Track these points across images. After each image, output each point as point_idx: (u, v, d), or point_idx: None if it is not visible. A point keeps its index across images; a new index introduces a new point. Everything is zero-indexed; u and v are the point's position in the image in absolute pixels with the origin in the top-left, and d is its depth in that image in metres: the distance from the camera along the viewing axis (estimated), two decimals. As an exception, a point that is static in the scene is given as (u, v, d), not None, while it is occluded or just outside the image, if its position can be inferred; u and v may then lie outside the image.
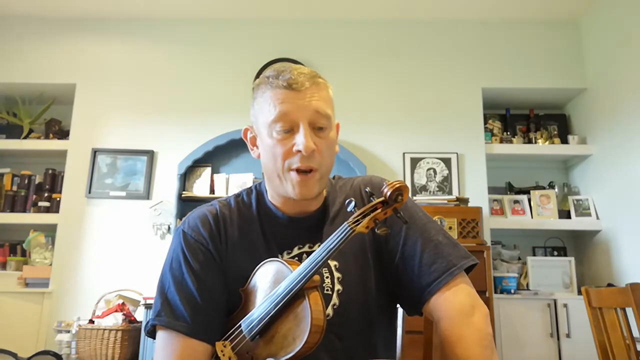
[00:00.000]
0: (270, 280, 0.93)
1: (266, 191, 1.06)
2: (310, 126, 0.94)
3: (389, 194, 0.84)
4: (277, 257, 0.99)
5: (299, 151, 0.92)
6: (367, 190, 0.89)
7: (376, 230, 0.86)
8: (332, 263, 1.00)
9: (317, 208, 1.04)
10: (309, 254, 0.99)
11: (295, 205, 1.01)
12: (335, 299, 0.98)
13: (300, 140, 0.92)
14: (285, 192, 0.97)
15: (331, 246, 0.86)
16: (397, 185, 0.83)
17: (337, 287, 0.99)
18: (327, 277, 0.99)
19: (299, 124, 0.93)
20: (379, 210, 0.86)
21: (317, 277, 0.88)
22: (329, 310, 0.97)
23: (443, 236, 1.01)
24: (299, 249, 1.02)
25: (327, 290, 0.98)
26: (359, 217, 0.86)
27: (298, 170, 0.94)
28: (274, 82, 0.95)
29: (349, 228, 0.85)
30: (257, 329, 0.90)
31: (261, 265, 0.96)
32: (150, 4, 3.51)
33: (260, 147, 1.00)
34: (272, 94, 0.95)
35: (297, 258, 1.00)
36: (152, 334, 0.97)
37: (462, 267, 0.97)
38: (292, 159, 0.94)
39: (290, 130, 0.94)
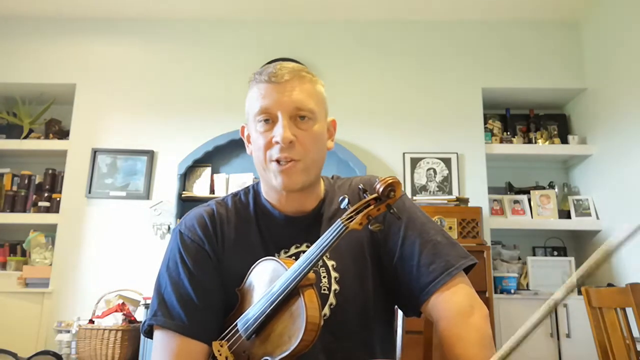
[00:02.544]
0: (265, 279, 0.93)
1: (262, 191, 1.06)
2: (291, 118, 0.95)
3: (381, 189, 0.84)
4: (274, 256, 0.99)
5: (277, 142, 0.93)
6: (360, 187, 0.90)
7: (369, 226, 0.86)
8: (330, 263, 1.00)
9: (315, 207, 1.04)
10: None
11: (290, 202, 1.01)
12: (332, 299, 0.98)
13: (278, 131, 0.94)
14: (272, 185, 0.98)
15: (325, 243, 0.86)
16: (390, 181, 0.84)
17: (335, 286, 0.98)
18: (324, 277, 0.99)
19: (278, 116, 0.95)
20: (372, 207, 0.86)
21: (312, 275, 0.88)
22: (326, 310, 0.97)
23: (442, 236, 1.01)
24: (296, 248, 1.02)
25: (324, 290, 0.98)
26: (352, 214, 0.86)
27: (278, 161, 0.95)
28: (258, 78, 0.98)
29: (342, 225, 0.85)
30: (252, 327, 0.90)
31: (257, 264, 0.96)
32: (151, 4, 3.51)
33: (251, 142, 1.02)
34: (256, 88, 0.98)
35: (294, 257, 1.00)
36: (149, 333, 0.97)
37: (460, 267, 0.96)
38: (272, 150, 0.95)
39: (271, 122, 0.96)
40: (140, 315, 2.94)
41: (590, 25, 3.49)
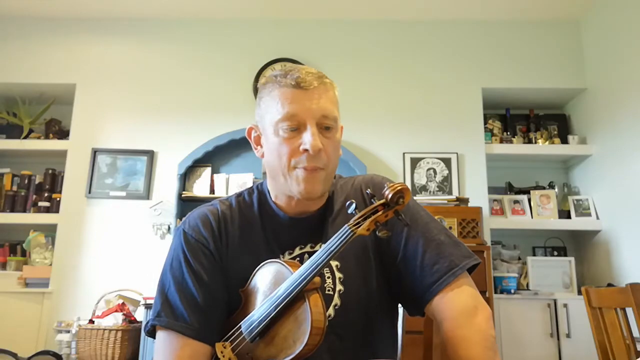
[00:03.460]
0: (270, 282, 0.92)
1: (268, 191, 1.05)
2: (318, 126, 0.94)
3: (390, 196, 0.83)
4: (279, 257, 0.99)
5: (306, 150, 0.92)
6: (368, 192, 0.89)
7: (377, 233, 0.85)
8: (334, 263, 1.00)
9: (319, 208, 1.04)
10: (310, 254, 0.99)
11: (298, 205, 1.01)
12: (336, 299, 0.97)
13: (308, 139, 0.92)
14: (290, 191, 0.97)
15: (332, 248, 0.85)
16: (399, 188, 0.83)
17: (339, 287, 0.98)
18: (328, 278, 0.99)
19: (307, 124, 0.93)
20: (379, 213, 0.85)
21: (317, 279, 0.88)
22: (330, 311, 0.96)
23: (445, 235, 1.00)
24: (301, 249, 1.02)
25: (329, 290, 0.98)
26: (359, 220, 0.85)
27: (304, 169, 0.93)
28: (282, 81, 0.95)
29: (349, 230, 0.85)
30: (257, 330, 0.90)
31: (261, 266, 0.96)
32: (151, 4, 3.51)
33: (265, 146, 1.00)
34: (280, 92, 0.94)
35: (298, 258, 1.00)
36: (152, 334, 0.97)
37: (464, 267, 0.96)
38: (298, 158, 0.93)
39: (297, 129, 0.94)
40: (140, 315, 2.94)
41: (590, 25, 3.49)
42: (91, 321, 2.82)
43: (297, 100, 0.93)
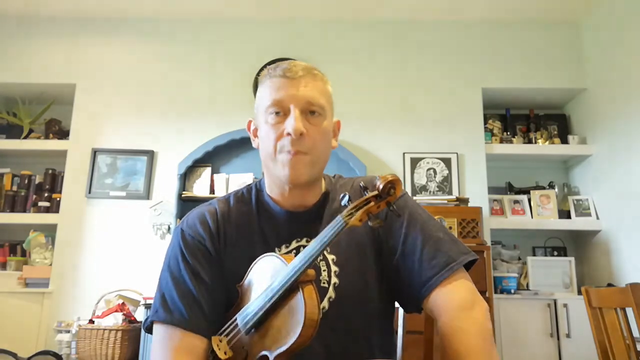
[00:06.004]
0: (265, 275, 0.93)
1: (265, 186, 1.07)
2: (302, 112, 0.98)
3: (381, 187, 0.85)
4: (275, 251, 1.00)
5: (289, 134, 0.95)
6: (361, 184, 0.91)
7: (369, 222, 0.87)
8: (330, 257, 1.01)
9: (316, 203, 1.05)
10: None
11: (291, 197, 1.02)
12: (331, 292, 0.98)
13: (290, 123, 0.95)
14: (278, 177, 0.99)
15: (324, 239, 0.86)
16: (390, 179, 0.84)
17: (334, 280, 0.99)
18: (324, 270, 1.00)
19: (290, 108, 0.97)
20: (372, 204, 0.86)
21: (311, 271, 0.88)
22: (325, 303, 0.97)
23: (443, 233, 1.02)
24: (297, 242, 1.03)
25: (324, 283, 0.99)
26: (352, 210, 0.86)
27: (288, 152, 0.96)
28: (272, 73, 1.01)
29: (342, 221, 0.86)
30: (251, 322, 0.90)
31: (257, 261, 0.97)
32: (151, 4, 3.52)
33: (259, 135, 1.04)
34: (270, 82, 1.00)
35: (294, 252, 1.01)
36: (150, 330, 0.99)
37: (461, 262, 0.97)
38: (283, 142, 0.96)
39: (283, 115, 0.98)
40: (140, 315, 2.94)
41: (590, 25, 3.49)
42: (91, 321, 2.82)
43: (283, 87, 0.98)
